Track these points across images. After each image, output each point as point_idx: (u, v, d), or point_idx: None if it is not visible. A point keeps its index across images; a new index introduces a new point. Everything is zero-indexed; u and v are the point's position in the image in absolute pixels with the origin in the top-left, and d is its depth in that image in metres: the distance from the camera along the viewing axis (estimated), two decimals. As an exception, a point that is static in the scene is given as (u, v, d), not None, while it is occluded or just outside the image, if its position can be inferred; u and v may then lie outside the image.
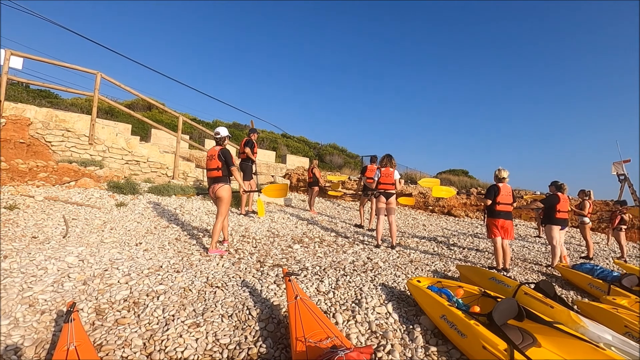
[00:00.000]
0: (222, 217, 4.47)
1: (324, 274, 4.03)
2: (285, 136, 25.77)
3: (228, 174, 4.50)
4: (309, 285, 3.59)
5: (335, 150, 25.97)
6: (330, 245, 5.67)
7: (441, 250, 6.53)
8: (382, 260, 5.02)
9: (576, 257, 7.64)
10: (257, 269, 4.04)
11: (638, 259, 8.71)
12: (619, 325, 3.34)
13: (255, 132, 7.72)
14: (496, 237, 5.15)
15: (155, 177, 8.62)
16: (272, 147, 20.01)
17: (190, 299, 3.06)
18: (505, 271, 5.17)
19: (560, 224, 6.16)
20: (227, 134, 4.69)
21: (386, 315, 3.15)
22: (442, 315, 2.86)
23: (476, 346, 2.48)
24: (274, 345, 2.48)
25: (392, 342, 2.71)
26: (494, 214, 5.24)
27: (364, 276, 4.11)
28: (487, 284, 3.92)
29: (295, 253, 4.95)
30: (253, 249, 4.93)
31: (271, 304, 3.09)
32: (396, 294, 3.67)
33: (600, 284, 4.69)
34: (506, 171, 5.35)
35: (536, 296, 3.39)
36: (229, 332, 2.58)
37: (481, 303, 3.16)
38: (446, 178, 18.19)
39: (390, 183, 5.75)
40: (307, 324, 2.29)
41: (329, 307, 3.16)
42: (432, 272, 4.81)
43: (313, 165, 9.70)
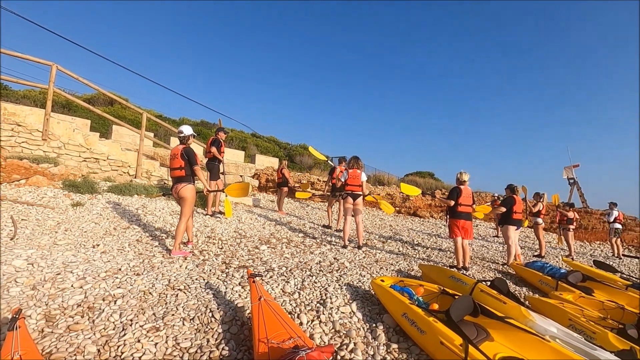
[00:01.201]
0: (185, 218, 4.36)
1: (290, 274, 4.04)
2: (255, 136, 25.47)
3: (192, 174, 4.40)
4: (275, 286, 3.58)
5: (306, 150, 25.97)
6: (297, 246, 5.68)
7: (406, 250, 6.73)
8: (349, 260, 5.10)
9: (530, 255, 8.13)
10: (222, 270, 3.98)
11: (584, 256, 9.40)
12: (564, 318, 3.59)
13: (223, 131, 7.58)
14: (457, 237, 5.38)
15: (116, 176, 8.25)
16: (242, 146, 19.72)
17: (151, 303, 2.96)
18: (465, 270, 5.41)
19: (515, 224, 6.53)
20: (191, 133, 4.58)
21: (350, 315, 3.20)
22: (403, 313, 2.95)
23: (434, 342, 2.58)
24: (237, 348, 2.46)
25: (355, 341, 2.77)
26: (455, 214, 5.48)
27: (330, 276, 4.15)
28: (447, 282, 4.09)
29: (262, 254, 4.92)
30: (219, 250, 4.85)
31: (235, 305, 3.05)
32: (361, 293, 3.75)
33: (549, 280, 5.02)
34: (467, 174, 5.60)
35: (491, 293, 3.58)
36: (190, 335, 2.52)
37: (440, 301, 3.30)
38: (413, 180, 18.75)
39: (357, 185, 5.85)
40: (270, 325, 2.28)
41: (294, 308, 3.17)
42: (396, 272, 4.95)
43: (282, 165, 9.66)
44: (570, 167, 17.78)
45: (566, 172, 17.82)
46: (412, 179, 18.98)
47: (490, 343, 2.77)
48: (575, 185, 17.81)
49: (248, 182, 5.79)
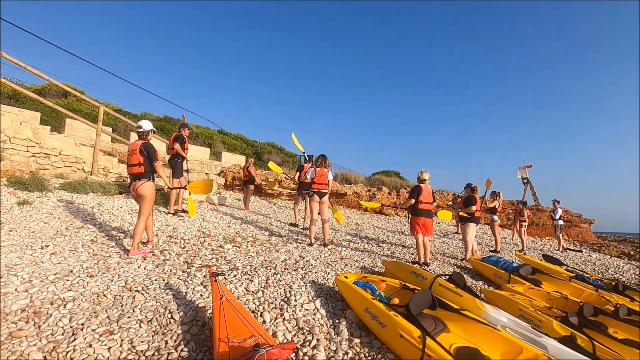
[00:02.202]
0: (144, 217, 4.18)
1: (255, 273, 4.00)
2: (222, 133, 24.85)
3: (151, 171, 4.23)
4: (238, 285, 3.53)
5: (274, 148, 25.73)
6: (263, 245, 5.63)
7: (371, 247, 6.87)
8: (314, 258, 5.13)
9: (486, 250, 8.57)
10: (183, 270, 3.86)
11: (535, 251, 10.06)
12: (514, 309, 3.83)
13: (187, 127, 7.34)
14: (418, 234, 5.57)
15: (69, 173, 7.75)
16: (207, 143, 19.15)
17: (105, 305, 2.82)
18: (426, 265, 5.61)
19: (475, 222, 6.86)
20: (151, 128, 4.41)
21: (314, 312, 3.23)
22: (365, 309, 3.02)
23: (394, 335, 2.67)
24: (197, 348, 2.40)
25: (317, 337, 2.79)
26: (416, 212, 5.66)
27: (295, 274, 4.15)
28: (408, 277, 4.22)
29: (226, 253, 4.82)
30: (181, 249, 4.70)
31: (196, 306, 2.98)
32: (325, 290, 3.78)
33: (502, 274, 5.33)
34: (427, 173, 5.81)
35: (449, 287, 3.74)
36: (148, 337, 2.43)
37: (401, 295, 3.41)
38: (379, 179, 19.15)
39: (323, 183, 5.90)
40: (231, 324, 2.25)
41: (257, 306, 3.14)
42: (361, 268, 5.04)
43: (249, 163, 9.53)
44: (524, 168, 18.93)
45: (520, 172, 18.95)
46: (378, 178, 19.39)
47: (447, 334, 2.90)
48: (529, 185, 18.98)
49: (212, 179, 5.64)
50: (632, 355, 3.11)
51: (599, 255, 12.00)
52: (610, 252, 13.04)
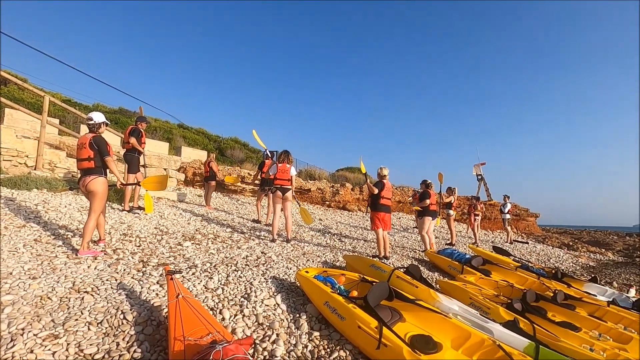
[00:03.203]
0: (95, 214, 3.95)
1: (214, 270, 3.92)
2: (182, 127, 23.96)
3: (102, 165, 4.01)
4: (197, 283, 3.45)
5: (237, 144, 25.21)
6: (224, 242, 5.53)
7: (333, 243, 6.97)
8: (276, 254, 5.12)
9: (443, 243, 8.99)
10: (138, 269, 3.70)
11: (486, 243, 10.69)
12: (465, 297, 4.06)
13: (145, 121, 7.01)
14: (378, 229, 5.73)
15: (9, 167, 7.14)
16: (167, 138, 18.38)
17: (49, 308, 2.64)
18: (386, 258, 5.79)
19: (430, 215, 7.17)
20: (103, 120, 4.17)
21: (274, 307, 3.24)
22: (325, 302, 3.07)
23: (353, 326, 2.74)
24: (151, 349, 2.33)
25: (277, 332, 2.81)
26: (377, 207, 5.82)
27: (256, 270, 4.13)
28: (368, 270, 4.35)
29: (185, 251, 4.68)
30: (136, 248, 4.50)
31: (151, 305, 2.88)
32: (286, 285, 3.80)
33: (456, 265, 5.63)
34: (387, 169, 5.99)
35: (405, 279, 3.90)
36: (97, 340, 2.32)
37: (360, 288, 3.50)
38: (343, 175, 19.39)
39: (286, 179, 5.88)
40: (187, 323, 2.21)
41: (216, 304, 3.10)
42: (323, 263, 5.11)
43: (210, 158, 9.27)
44: (479, 165, 20.02)
45: (475, 169, 20.03)
46: (342, 174, 19.63)
47: (402, 324, 3.02)
48: (482, 181, 20.10)
49: (166, 174, 5.44)
50: (567, 336, 3.42)
51: (543, 246, 13.01)
52: (552, 243, 14.17)
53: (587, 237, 19.12)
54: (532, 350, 2.80)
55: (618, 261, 11.91)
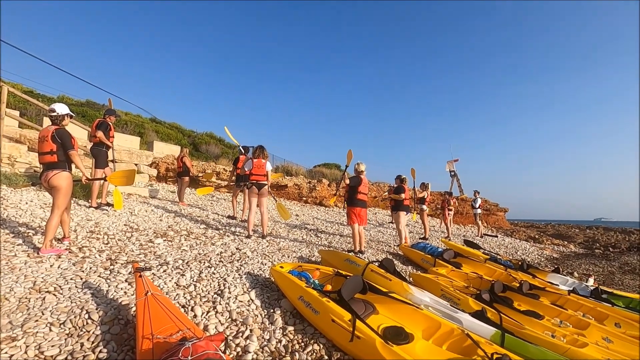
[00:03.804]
0: (59, 211, 3.76)
1: (187, 267, 3.84)
2: (155, 121, 23.21)
3: (66, 159, 3.82)
4: (168, 280, 3.36)
5: (212, 139, 24.71)
6: (198, 238, 5.42)
7: (309, 238, 6.98)
8: (251, 250, 5.07)
9: (417, 238, 9.20)
10: (105, 267, 3.56)
11: (458, 237, 11.03)
12: (437, 289, 4.17)
13: (114, 114, 6.72)
14: (354, 224, 5.79)
15: (-37, 162, 6.68)
16: (138, 132, 17.75)
17: (6, 310, 2.50)
18: (361, 253, 5.86)
19: (405, 210, 7.31)
20: (66, 112, 3.96)
21: (248, 303, 3.21)
22: (299, 297, 3.07)
23: (327, 320, 2.76)
24: (118, 348, 2.26)
25: (251, 327, 2.79)
26: (353, 202, 5.87)
27: (230, 266, 4.08)
28: (343, 265, 4.38)
29: (156, 248, 4.55)
30: (104, 245, 4.33)
31: (119, 304, 2.78)
32: (261, 281, 3.77)
33: (429, 258, 5.77)
34: (364, 164, 6.04)
35: (379, 272, 3.95)
36: (59, 341, 2.21)
37: (334, 282, 3.53)
38: (320, 171, 19.43)
39: (262, 174, 5.82)
40: (156, 320, 2.15)
41: (188, 301, 3.03)
42: (298, 258, 5.11)
43: (183, 153, 9.02)
44: (452, 161, 20.63)
45: (448, 166, 20.63)
46: (319, 170, 19.67)
47: (376, 316, 3.07)
48: (455, 177, 20.72)
49: (134, 169, 5.25)
50: (531, 324, 3.58)
51: (511, 239, 13.57)
52: (519, 237, 14.80)
53: (551, 231, 20.12)
54: (498, 338, 2.92)
55: (579, 253, 12.62)
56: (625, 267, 9.76)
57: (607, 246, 14.34)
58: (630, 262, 10.66)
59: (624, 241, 15.78)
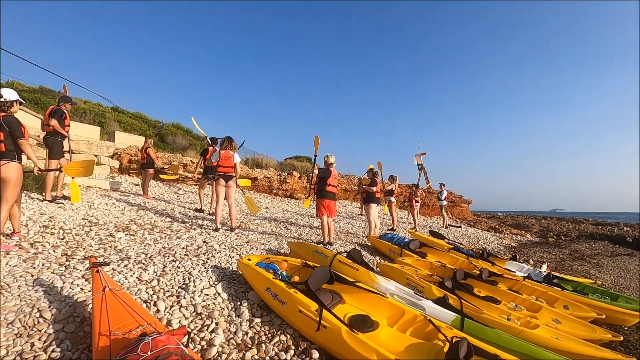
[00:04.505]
0: (7, 204, 3.50)
1: (150, 261, 3.71)
2: (117, 110, 22.06)
3: (16, 149, 3.55)
4: (129, 275, 3.23)
5: (180, 130, 23.87)
6: (163, 232, 5.24)
7: (279, 230, 6.95)
8: (219, 243, 4.98)
9: (385, 229, 9.40)
10: (60, 263, 3.37)
11: (425, 228, 11.39)
12: (402, 278, 4.30)
13: (69, 101, 6.31)
14: (323, 216, 5.82)
15: None
16: (98, 121, 16.79)
17: (-54, 311, 2.31)
18: (330, 244, 5.91)
19: (376, 202, 7.46)
20: (15, 98, 3.68)
21: (215, 296, 3.16)
22: (267, 288, 3.06)
23: (294, 311, 2.77)
24: (73, 347, 2.15)
25: (217, 321, 2.75)
26: (322, 194, 5.89)
27: (196, 260, 3.98)
28: (311, 256, 4.41)
29: (117, 242, 4.35)
30: (59, 240, 4.08)
31: (74, 301, 2.64)
32: (228, 274, 3.72)
33: (396, 249, 5.92)
34: (333, 157, 6.07)
35: (347, 263, 4.01)
36: (6, 342, 2.07)
37: (302, 273, 3.54)
38: (291, 164, 19.34)
39: (229, 166, 5.70)
40: (114, 317, 2.06)
41: (150, 296, 2.93)
42: (267, 251, 5.08)
43: (147, 144, 8.67)
44: (419, 155, 21.20)
45: (416, 159, 21.18)
46: (290, 163, 19.57)
47: (342, 305, 3.12)
48: (423, 170, 21.32)
49: (93, 159, 4.99)
50: (489, 308, 3.78)
51: (474, 229, 14.20)
52: (481, 227, 15.52)
53: (510, 221, 21.23)
54: (458, 322, 3.06)
55: (534, 241, 13.42)
56: (575, 254, 10.50)
57: (560, 235, 15.36)
58: (579, 249, 11.49)
59: (574, 230, 16.95)
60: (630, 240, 14.28)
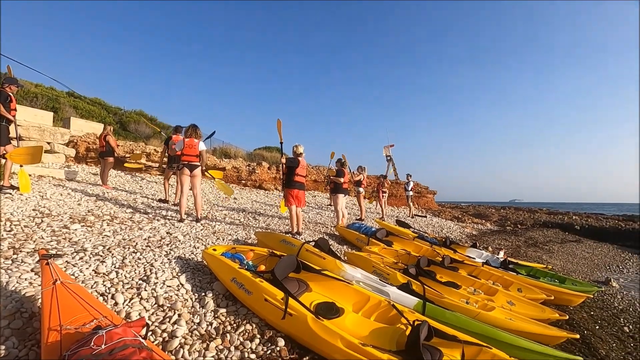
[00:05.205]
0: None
1: (108, 253, 3.53)
2: (73, 95, 20.67)
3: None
4: (85, 268, 3.06)
5: (143, 118, 22.81)
6: (123, 223, 5.01)
7: (247, 221, 6.86)
8: (183, 234, 4.84)
9: (353, 219, 9.54)
10: (7, 257, 3.13)
11: (392, 217, 11.67)
12: (369, 266, 4.39)
13: (15, 83, 5.81)
14: (291, 205, 5.79)
15: None
16: (52, 107, 15.65)
17: None
18: (298, 234, 5.91)
19: (343, 192, 7.52)
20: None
21: (178, 287, 3.07)
22: (232, 278, 3.01)
23: (260, 300, 2.75)
24: (20, 344, 2.02)
25: (180, 312, 2.68)
26: (291, 184, 5.85)
27: (159, 251, 3.85)
28: (279, 246, 4.39)
29: (72, 234, 4.11)
30: (5, 233, 3.78)
31: (22, 296, 2.47)
32: (192, 265, 3.63)
33: (363, 238, 6.03)
34: (302, 147, 6.03)
35: (314, 251, 4.03)
36: (-58, 341, 1.91)
37: (268, 262, 3.52)
38: (260, 154, 19.07)
39: (194, 155, 5.51)
40: (66, 310, 1.95)
41: (108, 289, 2.80)
42: (234, 241, 5.00)
43: (106, 131, 8.20)
44: (388, 147, 21.62)
45: (385, 151, 21.59)
46: (259, 153, 19.28)
47: (309, 293, 3.14)
48: (391, 162, 21.79)
49: (41, 146, 4.66)
50: (450, 293, 3.94)
51: (438, 219, 14.76)
52: (445, 217, 16.16)
53: (472, 211, 22.27)
54: (420, 306, 3.17)
55: (494, 230, 14.17)
56: (529, 241, 11.21)
57: (517, 224, 16.31)
58: (533, 236, 12.27)
59: (529, 219, 18.07)
60: (578, 228, 15.43)
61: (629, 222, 16.62)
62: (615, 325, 4.34)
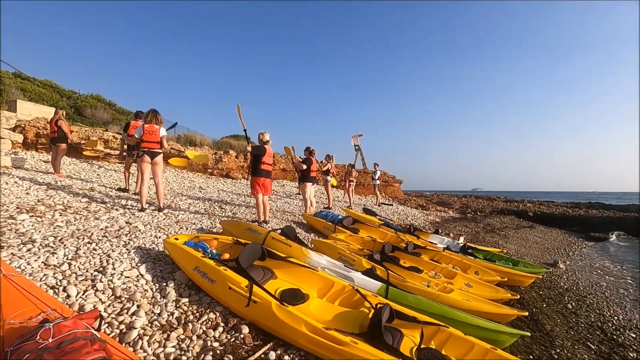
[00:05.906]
0: None
1: (60, 245, 3.33)
2: (20, 77, 19.07)
3: None
4: (33, 260, 2.87)
5: (100, 102, 21.50)
6: (78, 213, 4.73)
7: (213, 210, 6.71)
8: (144, 223, 4.65)
9: (322, 207, 9.61)
10: (-59, 250, 2.88)
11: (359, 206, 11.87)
12: (334, 253, 4.44)
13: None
14: (258, 194, 5.72)
15: None
16: (-5, 89, 14.36)
17: None
18: (265, 223, 5.86)
19: (311, 181, 7.53)
20: None
21: (137, 278, 2.96)
22: (195, 267, 2.95)
23: (223, 288, 2.71)
24: (-43, 342, 1.86)
25: (139, 303, 2.59)
26: (257, 172, 5.76)
27: (116, 241, 3.68)
28: (245, 234, 4.33)
29: (19, 225, 3.82)
30: (-60, 224, 3.47)
31: (-40, 291, 2.28)
32: (153, 255, 3.50)
33: (330, 225, 6.09)
34: (268, 134, 5.94)
35: (280, 239, 4.02)
36: None
37: (233, 250, 3.47)
38: (227, 142, 18.60)
39: (154, 141, 5.27)
40: (10, 304, 1.82)
41: (59, 281, 2.64)
42: (198, 230, 4.88)
43: (58, 116, 7.64)
44: (356, 136, 21.87)
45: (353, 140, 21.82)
46: (226, 141, 18.81)
47: (274, 281, 3.14)
48: (359, 151, 22.07)
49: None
50: (412, 277, 4.09)
51: (404, 207, 15.20)
52: (411, 205, 16.68)
53: (436, 199, 23.13)
54: (383, 290, 3.26)
55: (455, 217, 14.81)
56: (488, 227, 11.84)
57: (476, 211, 17.16)
58: (491, 223, 12.97)
59: (488, 207, 19.05)
60: (531, 215, 16.47)
61: (576, 209, 18.01)
62: (561, 303, 4.70)
